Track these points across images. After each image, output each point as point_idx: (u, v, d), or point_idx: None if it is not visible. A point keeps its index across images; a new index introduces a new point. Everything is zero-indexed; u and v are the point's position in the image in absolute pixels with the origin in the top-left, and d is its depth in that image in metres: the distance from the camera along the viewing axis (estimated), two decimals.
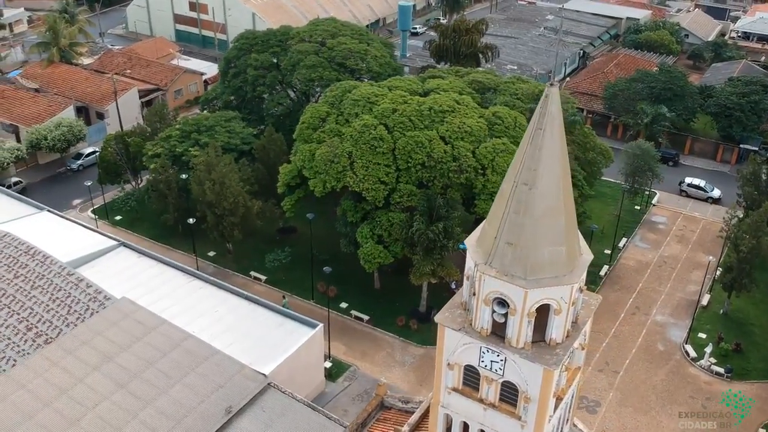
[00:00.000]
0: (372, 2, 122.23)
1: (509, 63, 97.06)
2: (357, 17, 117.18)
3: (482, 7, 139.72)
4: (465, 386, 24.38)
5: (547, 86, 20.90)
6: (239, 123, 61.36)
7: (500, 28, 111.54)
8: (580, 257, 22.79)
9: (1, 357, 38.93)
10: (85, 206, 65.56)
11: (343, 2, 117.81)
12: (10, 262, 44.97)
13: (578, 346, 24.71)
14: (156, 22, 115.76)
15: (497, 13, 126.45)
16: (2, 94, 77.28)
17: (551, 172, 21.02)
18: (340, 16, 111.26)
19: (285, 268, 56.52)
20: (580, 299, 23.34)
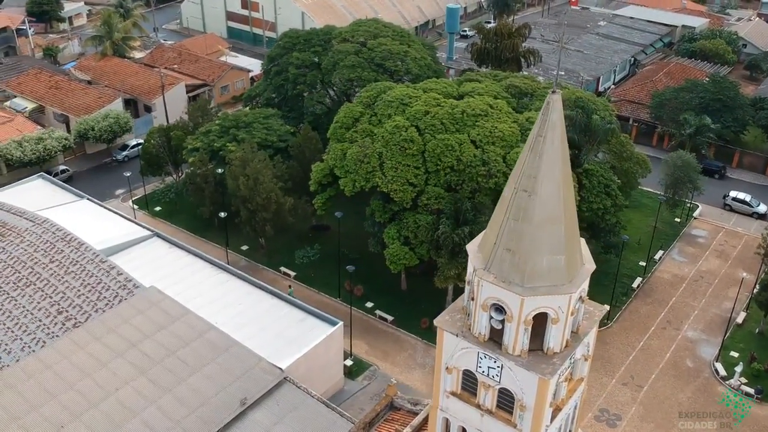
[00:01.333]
0: (422, 3, 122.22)
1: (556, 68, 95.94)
2: (406, 18, 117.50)
3: (534, 11, 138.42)
4: (463, 391, 24.36)
5: (550, 93, 20.70)
6: (277, 120, 62.20)
7: (550, 33, 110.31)
8: (581, 267, 22.54)
9: (31, 338, 40.36)
10: (128, 196, 67.33)
11: (393, 3, 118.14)
12: (47, 247, 46.60)
13: (581, 356, 24.44)
14: (209, 19, 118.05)
15: (548, 18, 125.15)
16: (56, 85, 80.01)
17: (551, 179, 20.85)
18: (389, 17, 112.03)
19: (314, 265, 57.13)
20: (581, 309, 23.05)
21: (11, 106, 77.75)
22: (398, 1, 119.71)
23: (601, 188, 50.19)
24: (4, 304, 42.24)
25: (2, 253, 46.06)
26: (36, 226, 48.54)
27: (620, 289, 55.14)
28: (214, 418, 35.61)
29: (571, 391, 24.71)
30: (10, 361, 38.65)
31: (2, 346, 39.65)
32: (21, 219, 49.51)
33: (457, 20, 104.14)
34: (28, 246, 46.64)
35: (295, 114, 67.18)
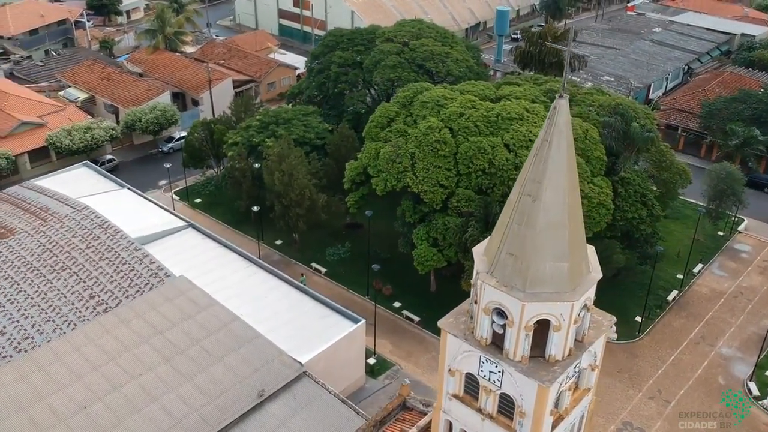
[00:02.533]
0: (473, 5, 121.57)
1: (606, 74, 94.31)
2: (456, 20, 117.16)
3: (588, 15, 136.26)
4: (466, 394, 24.27)
5: (557, 98, 20.47)
6: (316, 118, 62.78)
7: (602, 38, 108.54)
8: (586, 275, 22.21)
9: (63, 320, 41.68)
10: (169, 187, 68.83)
11: (444, 4, 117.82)
12: (84, 234, 48.08)
13: (587, 366, 24.08)
14: (261, 16, 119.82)
15: (602, 23, 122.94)
16: (108, 77, 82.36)
17: (556, 185, 20.61)
18: (439, 18, 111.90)
19: (344, 262, 57.50)
20: (586, 318, 22.71)
21: (65, 95, 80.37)
22: (449, 2, 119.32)
23: (637, 197, 49.19)
24: (41, 286, 43.74)
25: (42, 237, 47.69)
26: (76, 213, 50.12)
27: (654, 301, 53.96)
28: (231, 408, 36.22)
29: (575, 400, 24.37)
30: (42, 341, 40.01)
31: (35, 326, 41.05)
32: (62, 205, 51.19)
33: (506, 23, 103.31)
34: (66, 231, 48.20)
35: (335, 112, 67.69)
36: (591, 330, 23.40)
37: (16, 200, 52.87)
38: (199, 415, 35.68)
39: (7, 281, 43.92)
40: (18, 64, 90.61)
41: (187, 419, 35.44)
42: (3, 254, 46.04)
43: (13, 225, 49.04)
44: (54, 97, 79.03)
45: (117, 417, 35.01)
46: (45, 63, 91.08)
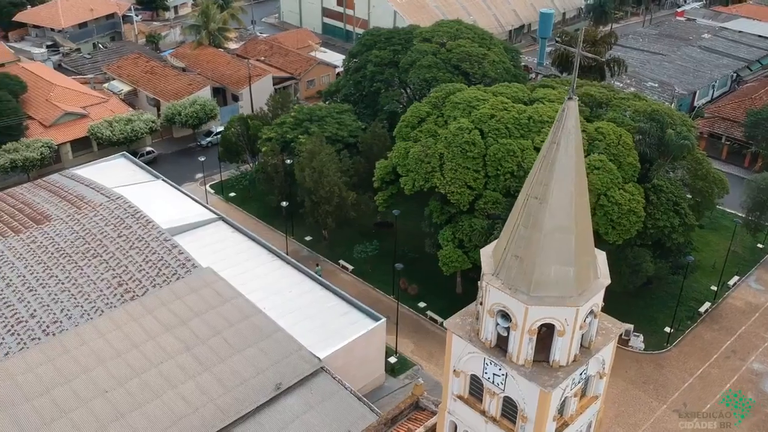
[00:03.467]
0: (518, 7, 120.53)
1: (650, 80, 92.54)
2: (500, 21, 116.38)
3: (637, 20, 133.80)
4: (470, 395, 24.17)
5: (566, 100, 20.22)
6: (351, 116, 63.05)
7: (648, 43, 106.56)
8: (594, 281, 21.89)
9: (91, 306, 42.70)
10: (206, 180, 69.94)
11: (488, 6, 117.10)
12: (117, 222, 49.17)
13: (595, 373, 23.77)
14: (306, 14, 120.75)
15: (649, 28, 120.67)
16: (152, 70, 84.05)
17: (563, 188, 20.36)
18: (483, 20, 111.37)
19: (372, 260, 57.63)
20: (593, 324, 22.37)
21: (109, 88, 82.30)
22: (493, 4, 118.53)
23: (670, 206, 48.19)
24: (71, 272, 44.88)
25: (76, 224, 48.93)
26: (110, 202, 51.29)
27: (685, 312, 52.82)
28: (248, 399, 36.67)
29: (582, 407, 24.07)
30: (70, 326, 41.04)
31: (64, 311, 42.14)
32: (98, 194, 52.44)
33: (549, 25, 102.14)
34: (100, 220, 49.36)
35: (370, 111, 67.83)
36: (599, 337, 23.07)
37: (55, 188, 54.34)
38: (216, 405, 36.20)
39: (40, 266, 45.18)
40: (67, 56, 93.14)
41: (204, 408, 35.99)
42: (38, 240, 47.37)
43: (50, 212, 50.42)
44: (98, 89, 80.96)
45: (136, 402, 35.74)
46: (92, 56, 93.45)
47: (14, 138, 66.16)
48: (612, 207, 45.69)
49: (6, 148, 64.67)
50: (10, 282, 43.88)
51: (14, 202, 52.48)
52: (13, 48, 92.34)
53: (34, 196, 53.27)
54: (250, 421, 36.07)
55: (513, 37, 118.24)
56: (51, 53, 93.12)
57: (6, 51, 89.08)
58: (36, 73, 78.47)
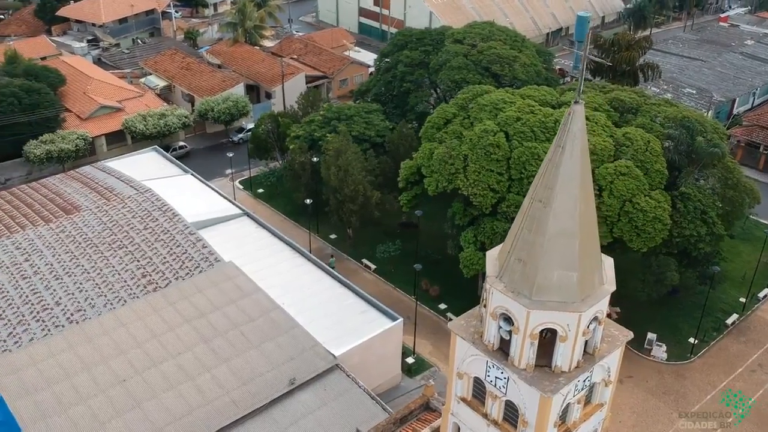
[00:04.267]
0: (556, 10, 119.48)
1: (688, 86, 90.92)
2: (537, 24, 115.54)
3: (679, 25, 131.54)
4: (474, 398, 24.15)
5: (572, 104, 20.05)
6: (379, 116, 63.21)
7: (688, 49, 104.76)
8: (599, 287, 21.66)
9: (114, 296, 43.58)
10: (235, 176, 70.80)
11: (525, 8, 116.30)
12: (144, 215, 50.09)
13: (600, 381, 23.54)
14: (342, 14, 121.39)
15: (690, 33, 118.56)
16: (187, 66, 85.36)
17: (568, 192, 20.21)
18: (520, 22, 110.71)
19: (394, 260, 57.71)
20: (597, 331, 22.13)
21: (145, 82, 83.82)
22: (531, 7, 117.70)
23: (697, 214, 47.30)
24: (97, 262, 45.84)
25: (104, 215, 49.97)
26: (138, 195, 52.27)
27: (711, 323, 51.84)
28: (262, 393, 37.09)
29: (586, 415, 23.86)
30: (93, 315, 41.94)
31: (88, 300, 43.07)
32: (127, 186, 53.49)
33: (586, 29, 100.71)
34: (127, 212, 50.34)
35: (399, 111, 67.92)
36: (604, 344, 22.84)
37: (86, 179, 55.57)
38: (231, 398, 36.69)
39: (68, 255, 46.25)
40: (106, 50, 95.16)
41: (218, 400, 36.50)
42: (67, 229, 48.50)
43: (80, 202, 51.57)
44: (135, 84, 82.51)
45: (153, 392, 36.41)
46: (131, 51, 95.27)
47: (51, 129, 67.81)
48: (637, 214, 45.07)
49: (43, 139, 66.31)
50: (38, 270, 45.01)
51: (46, 192, 53.81)
52: (55, 42, 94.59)
53: (65, 186, 54.54)
54: (264, 414, 36.47)
55: (550, 40, 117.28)
56: (91, 48, 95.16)
57: (48, 45, 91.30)
58: (75, 66, 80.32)
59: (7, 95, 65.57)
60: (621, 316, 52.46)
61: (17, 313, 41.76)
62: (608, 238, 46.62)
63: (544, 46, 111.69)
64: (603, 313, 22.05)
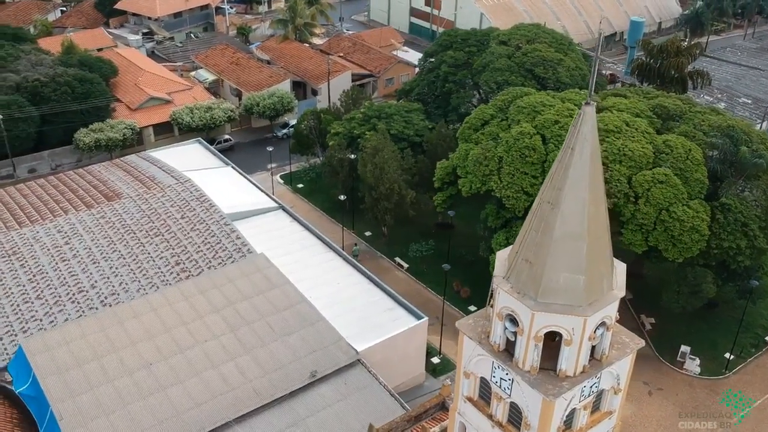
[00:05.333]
0: (611, 14, 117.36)
1: (743, 96, 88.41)
2: (591, 28, 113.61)
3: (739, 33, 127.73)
4: (480, 398, 24.05)
5: (583, 105, 19.82)
6: (419, 115, 63.24)
7: (746, 57, 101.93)
8: (607, 292, 21.33)
9: (148, 282, 44.70)
10: (277, 171, 71.73)
11: (578, 12, 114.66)
12: (182, 204, 51.23)
13: (609, 388, 23.18)
14: (394, 13, 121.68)
15: (750, 41, 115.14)
16: (237, 61, 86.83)
17: (576, 194, 20.00)
18: (572, 26, 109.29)
19: (427, 260, 57.64)
20: (605, 336, 21.80)
21: (195, 76, 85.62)
22: (585, 10, 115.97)
23: (738, 226, 45.94)
24: (134, 248, 47.09)
25: (144, 203, 51.28)
26: (178, 184, 53.47)
27: (750, 339, 50.37)
28: (283, 384, 37.58)
29: (593, 422, 23.52)
30: (126, 299, 43.11)
31: (123, 284, 44.29)
32: (168, 176, 54.77)
33: (639, 34, 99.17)
34: (166, 201, 51.55)
35: (441, 111, 67.85)
36: (613, 351, 22.48)
37: (130, 167, 57.11)
38: (252, 387, 37.27)
39: (106, 240, 47.62)
40: (160, 44, 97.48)
41: (240, 388, 37.12)
42: (107, 215, 49.94)
43: (122, 190, 53.03)
44: (185, 77, 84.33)
45: (177, 377, 37.24)
46: (183, 44, 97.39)
47: (101, 118, 69.83)
48: (673, 223, 44.11)
49: (92, 127, 68.35)
50: (77, 253, 46.47)
51: (91, 179, 55.50)
52: (112, 34, 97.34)
53: (109, 174, 56.16)
54: (284, 405, 36.95)
55: (603, 44, 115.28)
56: (146, 41, 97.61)
57: (105, 37, 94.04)
58: (128, 58, 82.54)
59: (61, 84, 67.81)
60: (655, 326, 51.52)
61: (54, 294, 43.23)
62: (643, 247, 45.82)
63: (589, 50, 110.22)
64: (612, 318, 21.71)
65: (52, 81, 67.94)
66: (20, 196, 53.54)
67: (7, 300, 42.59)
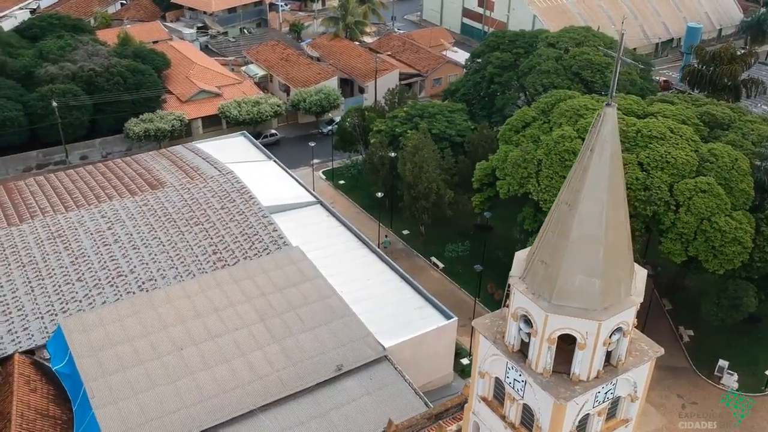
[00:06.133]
0: (668, 20, 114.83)
1: None
2: (647, 33, 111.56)
3: None
4: (494, 399, 23.92)
5: (604, 106, 19.54)
6: (462, 115, 63.05)
7: None
8: (625, 298, 20.98)
9: (185, 269, 45.70)
10: (320, 167, 72.40)
11: (635, 16, 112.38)
12: (222, 195, 52.20)
13: (626, 395, 22.80)
14: (447, 13, 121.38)
15: None
16: (287, 58, 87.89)
17: (595, 196, 19.73)
18: (628, 31, 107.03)
19: (463, 261, 57.43)
20: (621, 342, 21.44)
21: (246, 71, 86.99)
22: (642, 15, 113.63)
23: None
24: (173, 236, 48.18)
25: (186, 193, 52.41)
26: (220, 176, 54.49)
27: None
28: (309, 376, 38.00)
29: (609, 429, 23.15)
30: (162, 285, 44.17)
31: (160, 271, 45.38)
32: (211, 167, 55.86)
33: (696, 40, 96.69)
34: (208, 191, 52.60)
35: (486, 112, 67.53)
36: (631, 357, 22.09)
37: (175, 157, 58.45)
38: (279, 376, 37.79)
39: (147, 227, 48.84)
40: (213, 38, 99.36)
41: (267, 378, 37.68)
42: (150, 203, 51.22)
43: (165, 179, 54.31)
44: (236, 71, 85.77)
45: (206, 363, 38.00)
46: (236, 40, 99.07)
47: (151, 109, 71.61)
48: (714, 234, 43.04)
49: (142, 117, 70.14)
50: (119, 238, 47.79)
51: (137, 167, 57.00)
52: (168, 27, 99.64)
53: (155, 163, 57.57)
54: (308, 396, 37.35)
55: (659, 50, 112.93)
56: (200, 35, 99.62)
57: (161, 30, 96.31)
58: (181, 51, 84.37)
59: (114, 74, 69.79)
60: (694, 339, 50.29)
61: (94, 277, 44.57)
62: (682, 256, 44.84)
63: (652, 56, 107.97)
64: (629, 324, 21.33)
65: (106, 71, 70.00)
66: (69, 182, 55.33)
67: (50, 281, 44.08)
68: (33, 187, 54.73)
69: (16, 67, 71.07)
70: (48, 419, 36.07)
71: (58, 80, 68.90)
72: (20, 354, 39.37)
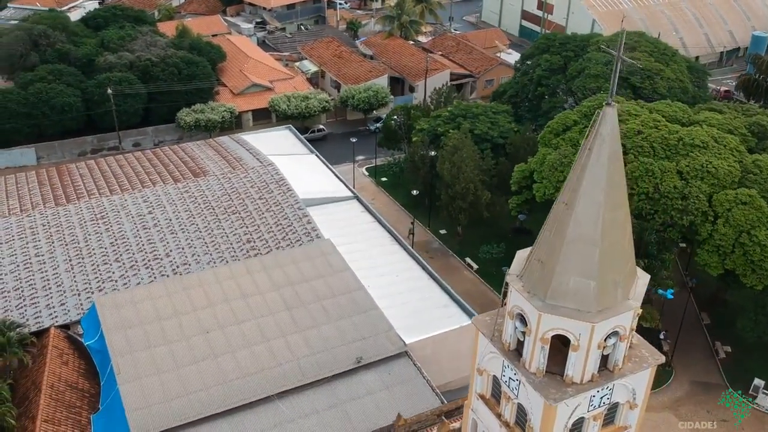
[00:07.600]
0: (735, 28, 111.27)
1: None
2: (711, 41, 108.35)
3: None
4: (491, 397, 23.92)
5: (604, 105, 19.34)
6: (506, 117, 62.61)
7: None
8: (622, 301, 20.70)
9: (218, 255, 46.84)
10: (364, 163, 73.00)
11: (699, 24, 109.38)
12: (261, 186, 53.24)
13: (625, 402, 22.48)
14: (505, 15, 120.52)
15: None
16: (340, 55, 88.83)
17: (591, 197, 19.58)
18: (691, 38, 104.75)
19: (497, 263, 57.02)
20: (618, 347, 21.17)
21: (299, 66, 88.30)
22: (707, 23, 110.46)
23: None
24: (210, 223, 49.43)
25: (227, 182, 53.67)
26: (261, 167, 55.58)
27: None
28: (328, 366, 38.49)
29: None
30: (195, 269, 45.40)
31: (195, 256, 46.65)
32: (253, 158, 57.03)
33: (761, 50, 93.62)
34: (247, 181, 53.72)
35: (532, 115, 66.93)
36: (629, 363, 21.80)
37: (220, 147, 59.87)
38: (299, 365, 38.41)
39: (186, 213, 50.22)
40: (271, 33, 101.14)
41: (287, 365, 38.34)
42: (191, 190, 52.63)
43: (208, 168, 55.71)
44: (289, 67, 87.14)
45: (230, 347, 38.91)
46: (293, 36, 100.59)
47: (204, 100, 73.49)
48: (754, 247, 41.75)
49: (194, 108, 72.04)
50: (158, 223, 49.30)
51: (183, 155, 58.63)
52: (228, 22, 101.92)
53: (200, 152, 59.10)
54: (326, 386, 37.84)
55: (724, 59, 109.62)
56: (258, 30, 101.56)
57: (220, 23, 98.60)
58: (237, 45, 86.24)
59: (170, 65, 71.89)
60: (730, 355, 48.80)
61: (132, 259, 46.11)
62: (719, 270, 43.65)
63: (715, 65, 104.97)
64: (626, 329, 21.04)
65: (162, 61, 72.15)
66: (117, 167, 57.31)
67: (89, 260, 45.82)
68: (83, 170, 56.92)
69: (78, 55, 73.94)
70: (76, 391, 37.58)
71: (116, 69, 71.41)
72: (56, 328, 41.15)
